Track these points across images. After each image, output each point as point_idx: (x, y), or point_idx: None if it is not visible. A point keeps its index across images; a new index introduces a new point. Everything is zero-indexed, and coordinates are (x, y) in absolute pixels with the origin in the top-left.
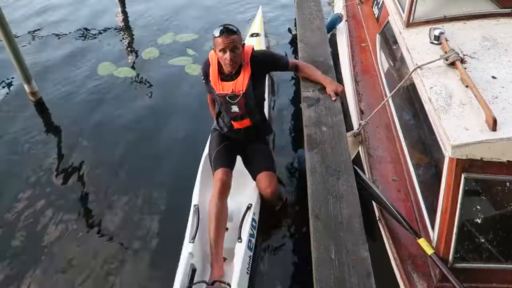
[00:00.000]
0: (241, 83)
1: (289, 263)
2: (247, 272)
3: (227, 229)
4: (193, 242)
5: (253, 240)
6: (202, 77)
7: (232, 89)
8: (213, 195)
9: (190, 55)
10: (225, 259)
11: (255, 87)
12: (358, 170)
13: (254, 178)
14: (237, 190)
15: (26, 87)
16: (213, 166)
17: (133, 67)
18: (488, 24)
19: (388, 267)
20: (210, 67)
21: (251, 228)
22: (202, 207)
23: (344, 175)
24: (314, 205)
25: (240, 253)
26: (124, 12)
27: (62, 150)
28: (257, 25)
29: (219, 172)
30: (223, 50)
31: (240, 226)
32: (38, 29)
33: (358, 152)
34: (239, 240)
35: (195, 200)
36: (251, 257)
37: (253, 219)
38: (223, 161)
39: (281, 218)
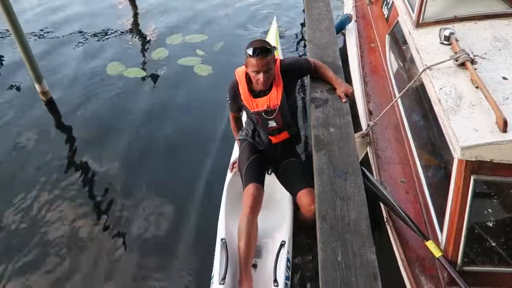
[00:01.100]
0: (275, 97)
1: None
2: None
3: (256, 266)
4: (223, 284)
5: (289, 284)
6: (228, 98)
7: (268, 105)
8: (243, 211)
9: (199, 56)
10: None
11: (288, 98)
12: (366, 172)
13: (294, 195)
14: (269, 222)
15: (37, 86)
16: (243, 180)
17: (142, 68)
18: (499, 25)
19: (395, 269)
20: (239, 85)
21: (286, 270)
22: (230, 240)
23: (351, 176)
24: (321, 206)
25: None
26: (134, 12)
27: (72, 150)
28: (272, 38)
29: (250, 187)
30: (256, 72)
31: (275, 267)
32: (48, 29)
33: (367, 153)
34: (275, 284)
35: (221, 233)
36: None
37: (287, 259)
38: (255, 176)
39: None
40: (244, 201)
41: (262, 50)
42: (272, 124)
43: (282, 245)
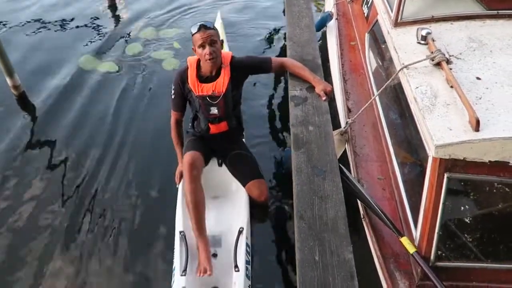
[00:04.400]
0: (221, 84)
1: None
2: None
3: (216, 255)
4: (185, 275)
5: (250, 268)
6: (172, 91)
7: (213, 90)
8: (185, 181)
9: (175, 49)
10: None
11: (233, 89)
12: (344, 169)
13: (244, 186)
14: (226, 211)
15: (8, 80)
16: (183, 155)
17: (115, 62)
18: (474, 26)
19: (371, 265)
20: (188, 70)
21: (246, 255)
22: (188, 233)
23: (330, 175)
24: (299, 205)
25: (240, 285)
26: (110, 6)
27: (45, 145)
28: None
29: (187, 156)
30: (202, 46)
31: (235, 253)
32: (20, 20)
33: (345, 150)
34: (236, 269)
35: (179, 226)
36: (250, 286)
37: (247, 244)
38: (193, 147)
39: (273, 232)
40: (184, 171)
41: (204, 25)
42: (214, 111)
43: (240, 232)
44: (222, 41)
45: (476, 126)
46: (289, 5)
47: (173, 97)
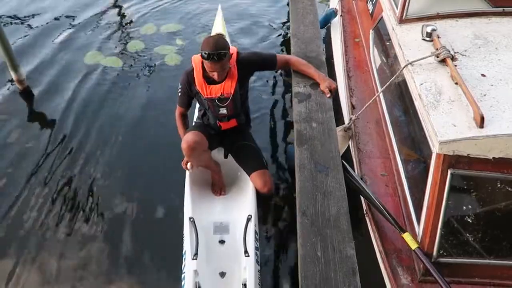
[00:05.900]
0: (229, 85)
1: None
2: None
3: (224, 241)
4: (196, 259)
5: (258, 253)
6: (179, 89)
7: (221, 92)
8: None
9: (177, 44)
10: (224, 273)
11: (241, 88)
12: (347, 166)
13: (249, 176)
14: (233, 199)
15: (13, 74)
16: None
17: (119, 56)
18: (480, 23)
19: (373, 261)
20: (195, 71)
21: (255, 241)
22: (198, 218)
23: (332, 171)
24: (302, 201)
25: (251, 269)
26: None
27: (48, 139)
28: (218, 26)
29: (188, 135)
30: (211, 71)
31: (244, 239)
32: (24, 16)
33: (348, 146)
34: (246, 255)
35: (188, 212)
36: (260, 271)
37: (255, 231)
38: (196, 128)
39: (277, 222)
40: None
41: (217, 55)
42: (223, 111)
43: (248, 219)
44: (222, 35)
45: (481, 123)
46: (294, 2)
47: (179, 94)
